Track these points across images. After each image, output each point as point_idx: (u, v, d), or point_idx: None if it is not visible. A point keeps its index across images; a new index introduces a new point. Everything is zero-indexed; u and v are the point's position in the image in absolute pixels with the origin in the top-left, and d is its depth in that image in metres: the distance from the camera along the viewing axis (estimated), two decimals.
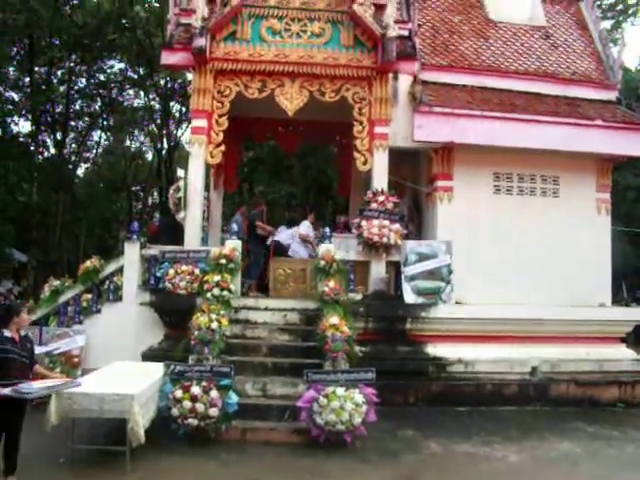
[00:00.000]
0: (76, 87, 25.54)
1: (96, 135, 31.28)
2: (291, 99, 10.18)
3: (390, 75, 10.45)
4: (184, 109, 26.43)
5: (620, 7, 25.80)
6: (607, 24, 24.46)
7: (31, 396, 5.49)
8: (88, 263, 10.12)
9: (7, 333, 5.65)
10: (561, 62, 12.01)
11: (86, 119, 27.77)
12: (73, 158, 27.72)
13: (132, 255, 9.92)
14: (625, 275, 22.73)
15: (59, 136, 25.53)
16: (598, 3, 19.93)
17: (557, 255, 10.76)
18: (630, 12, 26.56)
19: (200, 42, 9.71)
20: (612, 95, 11.88)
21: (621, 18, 26.47)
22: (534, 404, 9.79)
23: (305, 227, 11.25)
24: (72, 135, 27.97)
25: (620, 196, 19.11)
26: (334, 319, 8.29)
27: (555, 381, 10.03)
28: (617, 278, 14.77)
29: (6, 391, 5.27)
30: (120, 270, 10.01)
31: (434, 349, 9.86)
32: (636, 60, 28.04)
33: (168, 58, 10.29)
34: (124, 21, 22.52)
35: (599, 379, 10.20)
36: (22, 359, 5.68)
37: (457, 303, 10.05)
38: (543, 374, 10.06)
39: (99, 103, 27.02)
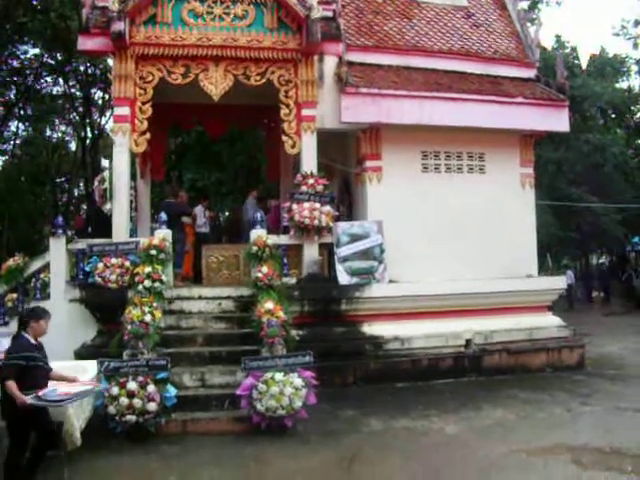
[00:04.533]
0: None
1: (13, 125, 29.86)
2: (216, 84, 9.98)
3: (315, 57, 10.40)
4: (107, 96, 25.54)
5: None
6: (524, 4, 25.22)
7: (56, 405, 5.28)
8: (11, 261, 9.72)
9: (32, 340, 5.45)
10: (483, 41, 12.26)
11: (0, 108, 26.41)
12: None
13: (58, 250, 9.54)
14: (549, 246, 23.75)
15: None
16: None
17: (485, 230, 11.06)
18: None
19: (118, 26, 9.35)
20: (531, 73, 12.24)
21: None
22: (469, 375, 10.14)
23: None
24: None
25: (542, 170, 19.85)
26: (269, 305, 8.27)
27: (488, 352, 10.41)
28: (542, 249, 15.40)
29: (30, 400, 5.06)
30: (46, 266, 9.64)
31: (370, 328, 10.01)
32: (552, 39, 29.08)
33: (85, 43, 9.87)
34: (35, 3, 21.39)
35: (529, 347, 10.68)
36: (46, 366, 5.54)
37: (391, 282, 10.22)
38: (477, 346, 10.40)
39: (14, 91, 25.73)
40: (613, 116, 32.28)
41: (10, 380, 5.12)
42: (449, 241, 10.79)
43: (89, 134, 27.80)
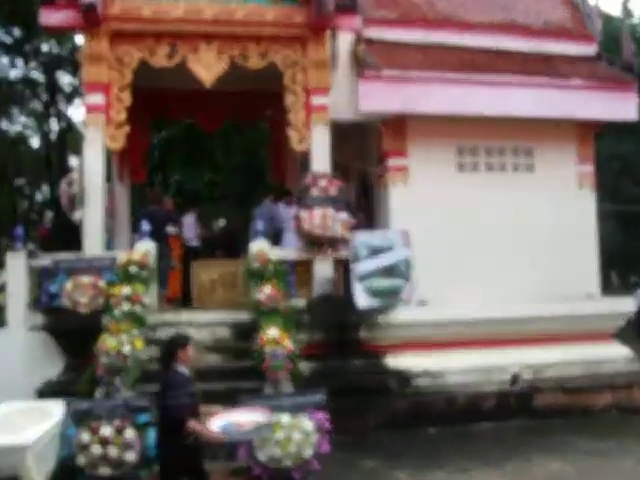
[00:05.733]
0: None
1: None
2: (208, 66, 10.09)
3: (327, 33, 10.47)
4: (76, 81, 25.76)
5: None
6: None
7: (246, 437, 5.86)
8: None
9: (186, 372, 5.57)
10: (530, 11, 12.34)
11: None
12: None
13: (17, 267, 9.60)
14: (614, 260, 23.59)
15: None
16: None
17: (534, 241, 11.10)
18: None
19: None
20: (591, 49, 12.31)
21: None
22: (516, 418, 10.10)
23: None
24: None
25: (605, 168, 19.75)
26: (273, 332, 8.30)
27: (539, 389, 10.38)
28: (605, 263, 15.32)
29: (222, 435, 5.34)
30: (3, 287, 9.74)
31: (395, 360, 10.03)
32: (618, 7, 29.04)
33: (49, 17, 9.95)
34: None
35: (590, 384, 10.62)
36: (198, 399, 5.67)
37: (420, 304, 10.24)
38: (525, 382, 10.37)
39: None
40: None
41: (189, 419, 5.27)
42: (490, 255, 10.83)
43: (55, 127, 28.04)
